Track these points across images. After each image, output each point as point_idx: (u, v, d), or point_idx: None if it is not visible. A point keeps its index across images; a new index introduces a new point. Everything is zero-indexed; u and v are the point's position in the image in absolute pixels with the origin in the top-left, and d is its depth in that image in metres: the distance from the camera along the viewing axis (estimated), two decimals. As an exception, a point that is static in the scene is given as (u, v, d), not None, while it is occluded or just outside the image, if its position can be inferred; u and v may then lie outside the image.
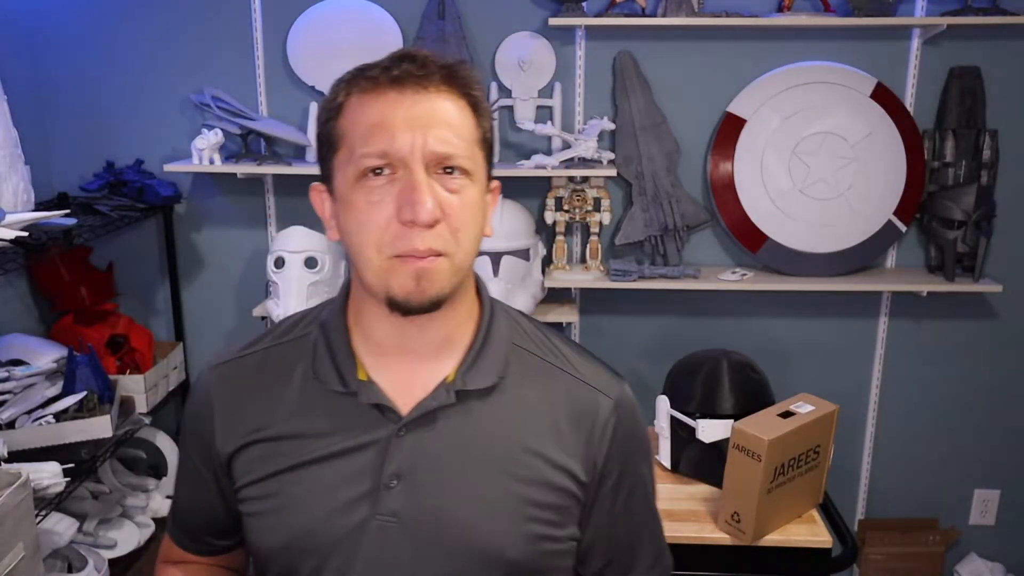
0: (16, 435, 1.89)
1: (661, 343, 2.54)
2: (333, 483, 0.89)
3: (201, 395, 0.98)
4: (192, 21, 2.40)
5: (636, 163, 2.40)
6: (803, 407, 1.77)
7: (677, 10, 2.24)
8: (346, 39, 2.34)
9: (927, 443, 2.63)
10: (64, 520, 1.97)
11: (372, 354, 0.92)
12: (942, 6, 2.29)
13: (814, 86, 2.34)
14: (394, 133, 0.81)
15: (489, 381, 0.91)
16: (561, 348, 0.98)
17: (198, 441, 0.98)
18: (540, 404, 0.93)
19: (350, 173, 0.84)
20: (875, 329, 2.55)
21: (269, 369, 0.95)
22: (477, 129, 0.87)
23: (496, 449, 0.90)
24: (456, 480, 0.89)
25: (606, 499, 0.96)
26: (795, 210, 2.38)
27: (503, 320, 0.96)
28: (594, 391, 0.95)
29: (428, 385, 0.90)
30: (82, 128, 2.46)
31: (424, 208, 0.80)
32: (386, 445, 0.89)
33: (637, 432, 0.98)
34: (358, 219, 0.83)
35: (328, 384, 0.91)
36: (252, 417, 0.93)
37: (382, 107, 0.83)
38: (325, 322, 0.95)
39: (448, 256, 0.83)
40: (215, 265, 2.57)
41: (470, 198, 0.85)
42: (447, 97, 0.84)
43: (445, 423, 0.89)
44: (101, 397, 2.04)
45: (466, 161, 0.84)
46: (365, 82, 0.84)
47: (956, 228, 2.33)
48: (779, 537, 1.77)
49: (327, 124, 0.88)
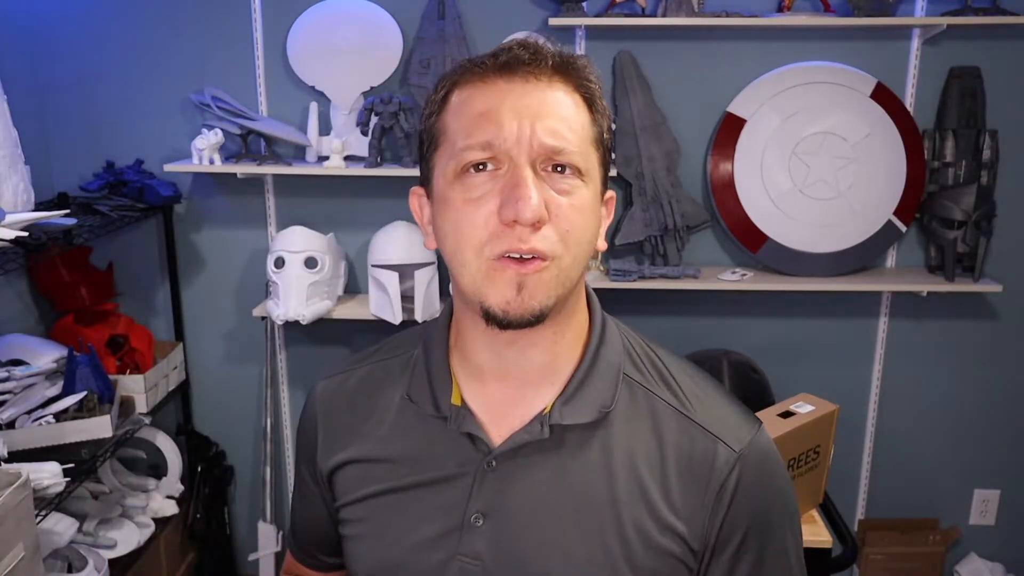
0: (16, 435, 1.89)
1: (661, 343, 2.54)
2: (421, 514, 0.83)
3: (309, 408, 0.95)
4: (192, 21, 2.40)
5: (636, 163, 2.40)
6: (803, 407, 1.78)
7: (677, 10, 2.24)
8: (346, 39, 2.34)
9: (927, 443, 2.63)
10: (64, 520, 1.97)
11: (471, 378, 0.84)
12: (942, 6, 2.29)
13: (814, 86, 2.34)
14: (500, 123, 0.74)
15: (589, 417, 0.80)
16: (681, 382, 0.85)
17: (306, 454, 0.95)
18: (647, 450, 0.81)
19: (450, 169, 0.76)
20: (875, 329, 2.55)
21: (372, 386, 0.91)
22: (593, 127, 0.79)
23: (592, 497, 0.79)
24: (544, 527, 0.79)
25: (726, 568, 0.81)
26: (795, 210, 2.38)
27: (614, 345, 0.85)
28: (714, 439, 0.80)
29: (526, 415, 0.81)
30: (82, 128, 2.46)
31: (528, 204, 0.71)
32: (473, 478, 0.81)
33: (772, 490, 0.83)
34: (455, 218, 0.75)
35: (421, 406, 0.85)
36: (351, 435, 0.90)
37: (488, 96, 0.75)
38: (428, 340, 0.89)
39: (554, 261, 0.74)
40: (215, 265, 2.57)
41: (582, 200, 0.76)
42: (560, 88, 0.77)
43: (538, 460, 0.80)
44: (101, 397, 2.04)
45: (578, 158, 0.75)
46: (471, 73, 0.78)
47: (956, 228, 2.33)
48: (779, 537, 1.77)
49: (429, 120, 0.80)
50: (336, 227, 2.45)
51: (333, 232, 2.41)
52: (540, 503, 0.80)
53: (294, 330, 2.58)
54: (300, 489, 0.99)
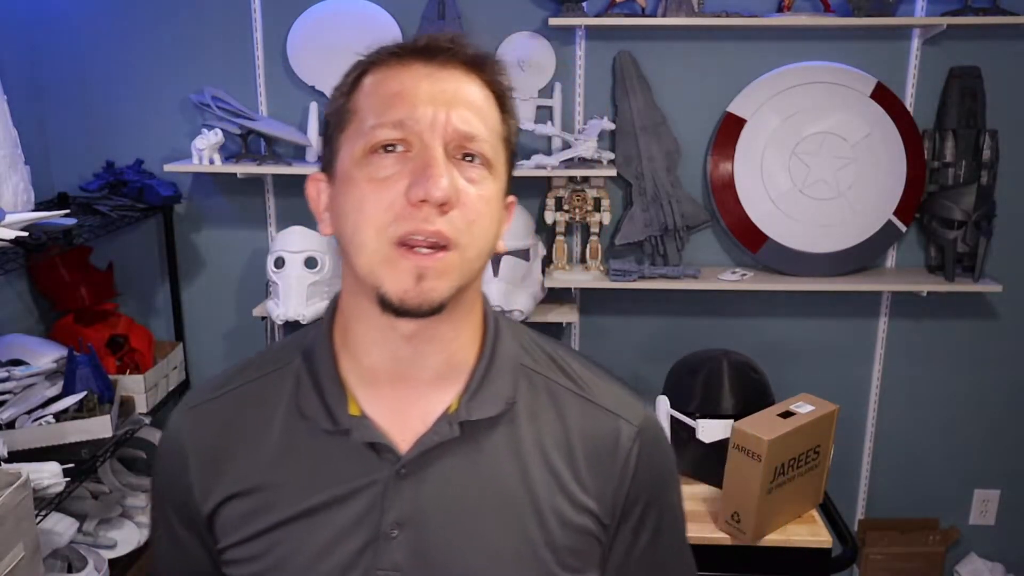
0: (16, 435, 1.89)
1: (661, 343, 2.54)
2: (328, 538, 0.78)
3: (173, 444, 0.85)
4: (192, 21, 2.40)
5: (636, 163, 2.40)
6: (803, 407, 1.78)
7: (677, 10, 2.24)
8: (346, 39, 2.34)
9: (927, 443, 2.63)
10: (64, 520, 1.97)
11: (364, 384, 0.80)
12: (942, 6, 2.29)
13: (814, 86, 2.34)
14: (415, 104, 0.73)
15: (495, 410, 0.80)
16: (575, 368, 0.87)
17: (175, 498, 0.85)
18: (554, 435, 0.82)
19: (358, 148, 0.74)
20: (875, 329, 2.55)
21: (248, 409, 0.83)
22: (503, 125, 0.78)
23: (507, 488, 0.80)
24: (465, 526, 0.78)
25: (631, 537, 0.85)
26: (795, 210, 2.38)
27: (509, 338, 0.85)
28: (614, 417, 0.84)
29: (428, 418, 0.79)
30: (82, 128, 2.46)
31: (438, 183, 0.70)
32: (384, 489, 0.78)
33: (664, 459, 0.88)
34: (358, 197, 0.73)
35: (315, 422, 0.80)
36: (231, 467, 0.82)
37: (404, 77, 0.74)
38: (309, 349, 0.83)
39: (458, 250, 0.72)
40: (215, 265, 2.57)
41: (489, 192, 0.75)
42: (475, 81, 0.77)
43: (449, 461, 0.79)
44: (101, 397, 2.04)
45: (489, 149, 0.75)
46: (388, 55, 0.77)
47: (956, 228, 2.33)
48: (779, 537, 1.78)
49: (337, 101, 0.78)
50: (336, 227, 2.45)
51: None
52: (456, 503, 0.79)
53: (294, 330, 2.58)
54: (166, 540, 0.88)
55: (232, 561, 0.82)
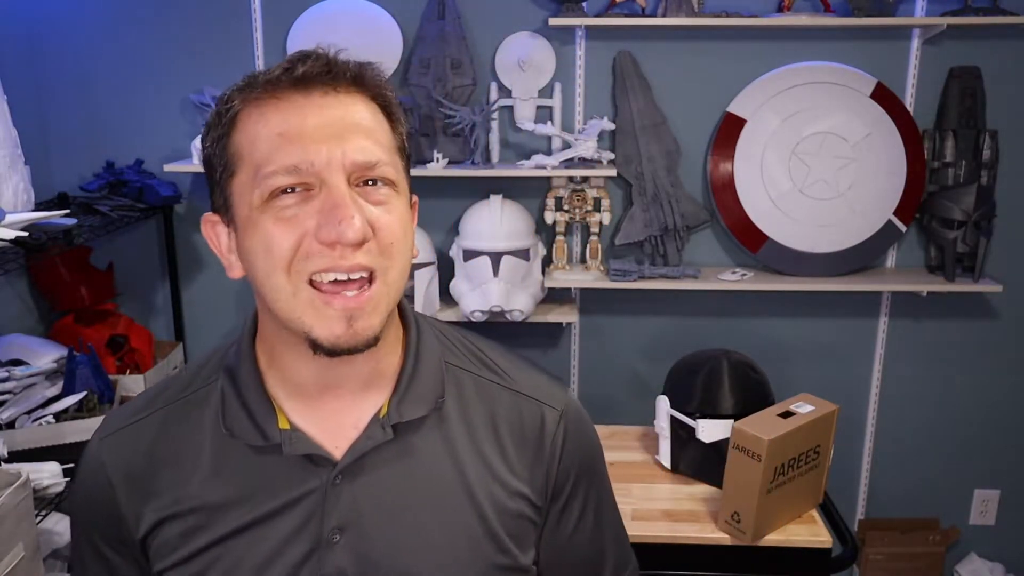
0: (16, 435, 1.89)
1: (661, 343, 2.54)
2: (268, 551, 0.78)
3: (94, 471, 0.83)
4: (192, 21, 2.40)
5: (636, 163, 2.40)
6: (803, 407, 1.77)
7: (677, 10, 2.24)
8: (346, 39, 2.31)
9: (927, 443, 2.63)
10: (64, 520, 1.97)
11: (292, 397, 0.80)
12: (942, 6, 2.29)
13: (814, 86, 2.34)
14: (305, 144, 0.70)
15: (425, 409, 0.82)
16: (497, 360, 0.89)
17: (104, 528, 0.83)
18: (483, 427, 0.84)
19: (256, 197, 0.71)
20: (875, 329, 2.55)
21: (172, 431, 0.82)
22: (395, 136, 0.77)
23: (443, 484, 0.81)
24: (405, 524, 0.80)
25: (562, 515, 0.89)
26: (795, 210, 2.38)
27: (431, 338, 0.86)
28: (538, 404, 0.87)
29: (359, 424, 0.80)
30: (82, 128, 2.46)
31: (351, 225, 0.68)
32: (322, 497, 0.78)
33: (588, 439, 0.91)
34: (265, 240, 0.71)
35: (245, 439, 0.79)
36: (161, 490, 0.81)
37: (286, 114, 0.71)
38: (231, 367, 0.83)
39: (380, 276, 0.72)
40: (215, 265, 2.57)
41: (398, 211, 0.74)
42: (359, 100, 0.74)
43: (384, 464, 0.80)
44: (101, 397, 2.04)
45: (390, 170, 0.74)
46: (261, 88, 0.73)
47: (956, 228, 2.33)
48: (779, 537, 1.77)
49: (218, 143, 0.75)
50: (336, 227, 2.45)
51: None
52: (395, 504, 0.80)
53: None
54: (95, 569, 0.86)
55: None
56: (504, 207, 2.31)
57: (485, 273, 2.26)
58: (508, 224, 2.29)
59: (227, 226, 0.77)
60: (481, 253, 2.27)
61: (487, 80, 2.38)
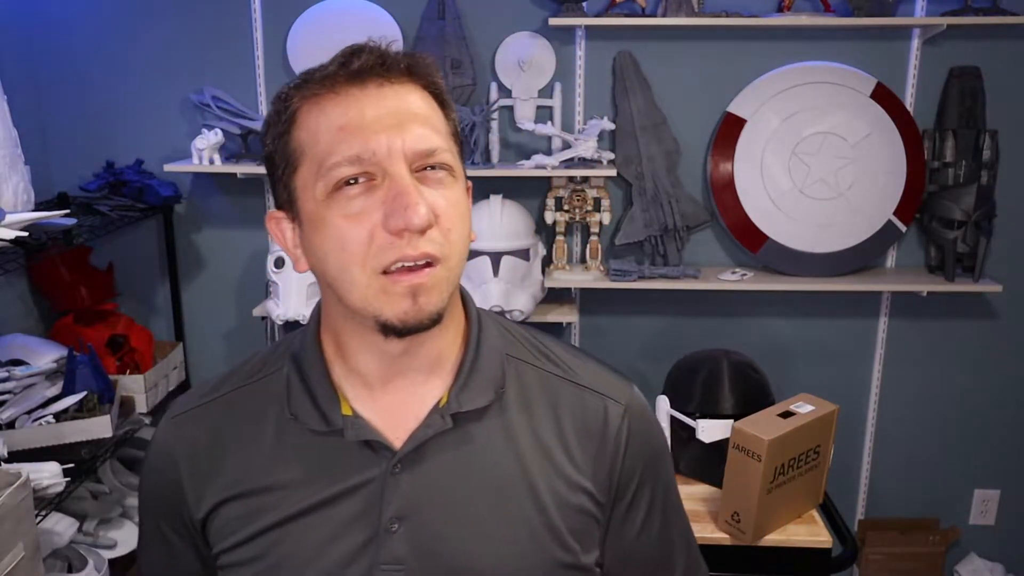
0: (16, 435, 1.89)
1: (661, 343, 2.54)
2: (326, 536, 0.79)
3: (162, 451, 0.86)
4: (192, 21, 2.40)
5: (636, 163, 2.40)
6: (803, 407, 1.77)
7: (677, 10, 2.24)
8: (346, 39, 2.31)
9: (927, 443, 2.63)
10: (64, 520, 1.97)
11: (355, 385, 0.82)
12: (942, 6, 2.29)
13: (814, 86, 2.34)
14: (367, 135, 0.72)
15: (486, 400, 0.82)
16: (559, 354, 0.89)
17: (165, 506, 0.86)
18: (545, 419, 0.84)
19: (320, 190, 0.73)
20: (875, 329, 2.55)
21: (238, 414, 0.85)
22: (448, 122, 0.79)
23: (503, 475, 0.81)
24: (464, 515, 0.80)
25: (627, 514, 0.87)
26: (795, 210, 2.38)
27: (493, 330, 0.87)
28: (601, 398, 0.86)
29: (420, 413, 0.81)
30: (82, 128, 2.46)
31: (417, 212, 0.70)
32: (381, 485, 0.79)
33: (653, 436, 0.90)
34: (336, 237, 0.73)
35: (308, 424, 0.81)
36: (224, 471, 0.83)
37: (345, 107, 0.73)
38: (297, 355, 0.85)
39: (443, 262, 0.74)
40: (215, 265, 2.57)
41: (456, 195, 0.76)
42: (412, 89, 0.76)
43: (443, 453, 0.80)
44: (101, 397, 2.04)
45: (448, 156, 0.76)
46: (318, 84, 0.75)
47: (956, 228, 2.33)
48: (779, 537, 1.78)
49: (279, 140, 0.77)
50: (336, 227, 2.44)
51: (333, 232, 2.41)
52: (454, 494, 0.80)
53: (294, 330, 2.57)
54: (157, 550, 0.88)
55: (230, 565, 0.82)
56: (504, 207, 2.31)
57: (485, 273, 2.26)
58: (508, 224, 2.29)
59: (292, 221, 0.79)
60: (481, 253, 2.27)
61: (487, 80, 2.38)
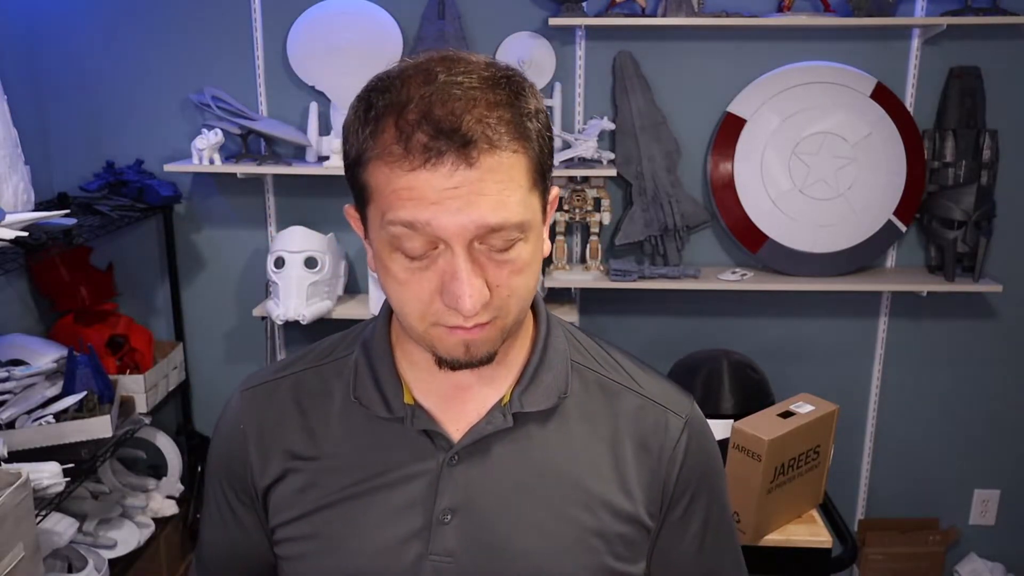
0: (16, 435, 1.89)
1: (661, 343, 2.54)
2: (380, 519, 0.81)
3: (231, 421, 0.89)
4: (192, 21, 2.40)
5: (636, 163, 2.40)
6: (803, 407, 1.77)
7: (677, 10, 2.24)
8: (346, 39, 2.34)
9: (927, 443, 2.63)
10: (64, 520, 1.97)
11: (419, 377, 0.83)
12: (942, 6, 2.29)
13: (814, 86, 2.34)
14: (428, 208, 0.67)
15: (549, 403, 0.82)
16: (624, 364, 0.89)
17: (233, 474, 0.88)
18: (604, 427, 0.84)
19: (383, 238, 0.71)
20: (875, 329, 2.55)
21: (306, 392, 0.87)
22: (533, 162, 0.70)
23: (559, 477, 0.82)
24: (517, 513, 0.81)
25: (677, 528, 0.87)
26: (795, 210, 2.38)
27: (560, 335, 0.87)
28: (663, 410, 0.86)
29: (482, 408, 0.82)
30: (82, 128, 2.46)
31: (465, 302, 0.69)
32: (437, 476, 0.80)
33: (710, 451, 0.90)
34: (396, 287, 0.73)
35: (371, 409, 0.82)
36: (289, 443, 0.85)
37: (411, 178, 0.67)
38: (367, 342, 0.86)
39: (499, 319, 0.73)
40: (215, 265, 2.57)
41: (524, 259, 0.72)
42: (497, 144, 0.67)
43: (502, 450, 0.81)
44: (101, 397, 2.04)
45: (520, 219, 0.69)
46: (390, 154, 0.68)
47: (956, 228, 2.33)
48: (779, 537, 1.78)
49: (351, 169, 0.73)
50: (336, 227, 2.45)
51: (333, 232, 2.41)
52: (508, 492, 0.81)
53: (294, 330, 2.58)
54: (221, 516, 0.90)
55: (285, 540, 0.85)
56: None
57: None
58: (508, 224, 2.29)
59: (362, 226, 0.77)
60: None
61: (487, 80, 2.38)
